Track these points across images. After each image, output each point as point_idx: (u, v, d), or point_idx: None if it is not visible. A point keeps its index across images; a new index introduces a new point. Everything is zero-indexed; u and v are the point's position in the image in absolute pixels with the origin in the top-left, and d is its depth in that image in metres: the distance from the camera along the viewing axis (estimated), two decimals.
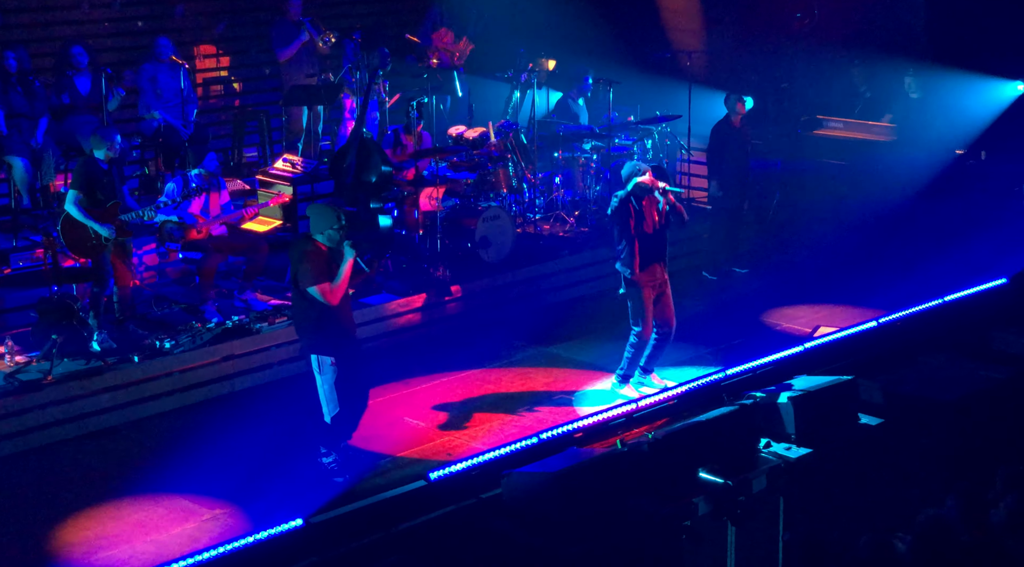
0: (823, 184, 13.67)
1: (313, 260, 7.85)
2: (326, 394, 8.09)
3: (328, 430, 8.24)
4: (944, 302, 10.87)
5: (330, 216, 7.98)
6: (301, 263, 7.89)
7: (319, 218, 8.01)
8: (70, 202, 9.34)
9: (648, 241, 9.34)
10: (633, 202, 9.28)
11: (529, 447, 8.24)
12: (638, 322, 9.44)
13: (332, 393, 8.06)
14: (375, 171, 11.10)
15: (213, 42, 13.79)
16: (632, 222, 9.28)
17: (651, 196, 9.31)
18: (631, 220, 9.28)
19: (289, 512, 7.32)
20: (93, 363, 9.26)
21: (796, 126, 14.56)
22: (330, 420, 8.18)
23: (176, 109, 12.13)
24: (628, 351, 9.54)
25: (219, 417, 9.22)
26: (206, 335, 9.72)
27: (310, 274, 7.84)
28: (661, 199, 9.31)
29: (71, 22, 12.81)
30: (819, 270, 11.94)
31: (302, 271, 7.88)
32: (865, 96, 14.21)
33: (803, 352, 9.89)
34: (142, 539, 7.59)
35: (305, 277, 7.87)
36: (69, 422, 8.97)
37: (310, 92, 12.82)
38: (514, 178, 12.37)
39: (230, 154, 13.29)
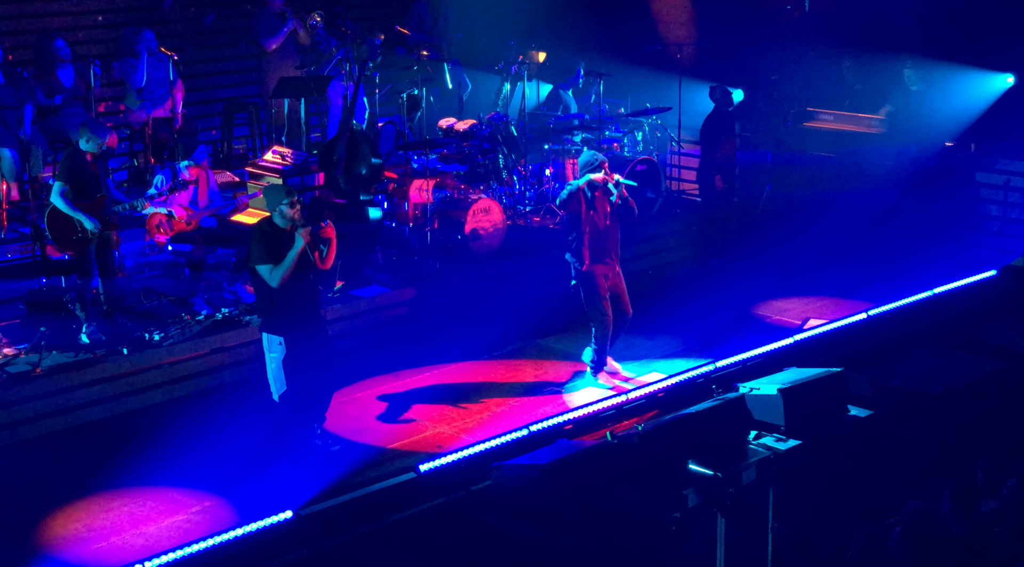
0: (813, 176, 13.67)
1: (262, 239, 8.02)
2: (273, 373, 8.21)
3: (282, 409, 8.32)
4: (934, 294, 10.90)
5: (280, 194, 8.13)
6: (252, 241, 8.09)
7: (271, 196, 8.15)
8: (56, 194, 9.28)
9: (600, 233, 9.36)
10: (586, 192, 9.30)
11: (519, 439, 8.25)
12: (594, 313, 9.44)
13: (280, 372, 8.17)
14: (365, 163, 11.07)
15: (201, 34, 13.73)
16: (583, 214, 9.26)
17: (604, 188, 9.32)
18: (582, 211, 9.27)
19: (279, 504, 7.31)
20: (82, 355, 9.23)
21: (786, 118, 14.56)
22: (278, 398, 8.28)
23: (164, 101, 12.09)
24: (594, 343, 9.54)
25: (208, 409, 9.19)
26: (195, 327, 9.70)
27: (256, 253, 8.03)
28: (615, 192, 9.31)
29: (58, 13, 12.76)
30: (809, 262, 11.95)
31: (252, 249, 8.07)
32: (855, 88, 14.22)
33: (793, 344, 9.91)
34: (132, 531, 7.58)
35: (252, 255, 8.06)
36: (58, 414, 8.94)
37: (299, 84, 12.79)
38: (504, 170, 12.35)
39: (219, 146, 13.26)
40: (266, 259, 8.00)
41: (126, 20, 13.05)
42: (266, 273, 8.01)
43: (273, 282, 7.99)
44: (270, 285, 8.02)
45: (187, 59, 13.38)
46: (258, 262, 8.03)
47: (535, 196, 12.78)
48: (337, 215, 10.97)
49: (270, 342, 8.21)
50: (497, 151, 12.32)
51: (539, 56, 14.23)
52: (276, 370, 8.20)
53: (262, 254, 8.02)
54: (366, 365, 9.93)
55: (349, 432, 8.87)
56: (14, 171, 11.12)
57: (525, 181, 12.66)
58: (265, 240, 8.03)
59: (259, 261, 8.02)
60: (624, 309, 9.59)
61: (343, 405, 9.31)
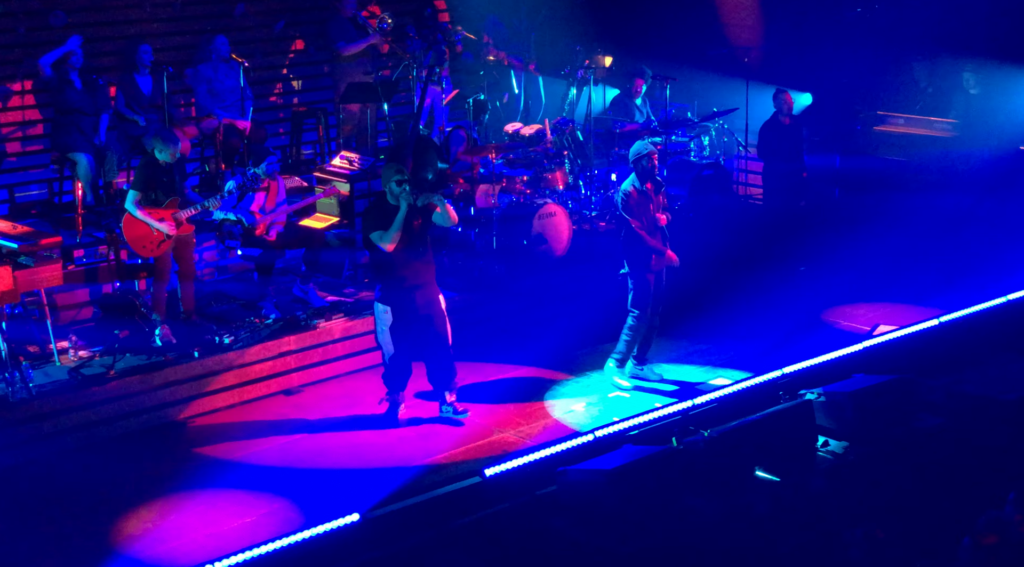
0: (884, 180, 13.49)
1: (374, 212, 8.74)
2: (382, 338, 8.88)
3: (386, 372, 9.02)
4: (1008, 301, 10.71)
5: (391, 171, 8.73)
6: (365, 214, 8.83)
7: (385, 173, 8.77)
8: (129, 202, 9.48)
9: (655, 227, 9.45)
10: (638, 186, 9.39)
11: (584, 444, 8.23)
12: (638, 308, 9.44)
13: (387, 338, 8.84)
14: (432, 168, 11.13)
15: (271, 40, 13.91)
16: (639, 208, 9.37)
17: (655, 180, 9.42)
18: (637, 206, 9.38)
19: (346, 507, 7.37)
20: (154, 358, 9.38)
21: (855, 122, 14.38)
22: (387, 362, 8.97)
23: (235, 107, 12.25)
24: (626, 334, 9.54)
25: (276, 412, 9.30)
26: (264, 331, 9.81)
27: (368, 224, 8.72)
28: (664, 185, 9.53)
29: (133, 21, 12.96)
30: (879, 268, 11.79)
31: (365, 222, 8.76)
32: (927, 92, 14.01)
33: (862, 350, 9.79)
34: (202, 532, 7.68)
35: (366, 227, 8.74)
36: (131, 416, 9.09)
37: (367, 90, 12.89)
38: (570, 175, 12.35)
39: (288, 152, 13.40)
40: (377, 227, 8.63)
41: (198, 27, 13.25)
42: (378, 239, 8.62)
43: (384, 244, 8.59)
44: (383, 251, 8.61)
45: (258, 65, 13.56)
46: (370, 230, 8.65)
47: (601, 201, 12.76)
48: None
49: (379, 311, 8.82)
50: (563, 156, 12.31)
51: (605, 61, 14.21)
52: (384, 336, 8.85)
53: (373, 224, 8.66)
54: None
55: (414, 436, 8.92)
56: (90, 176, 11.34)
57: (591, 186, 12.64)
58: (377, 213, 8.70)
59: (371, 229, 8.64)
60: (658, 310, 9.65)
61: (409, 409, 9.37)
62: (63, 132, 11.34)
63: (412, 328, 8.85)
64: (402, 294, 8.78)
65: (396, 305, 8.78)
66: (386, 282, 8.81)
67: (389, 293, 8.80)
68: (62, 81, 11.28)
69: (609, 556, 7.26)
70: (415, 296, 8.81)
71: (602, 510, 7.50)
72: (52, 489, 8.25)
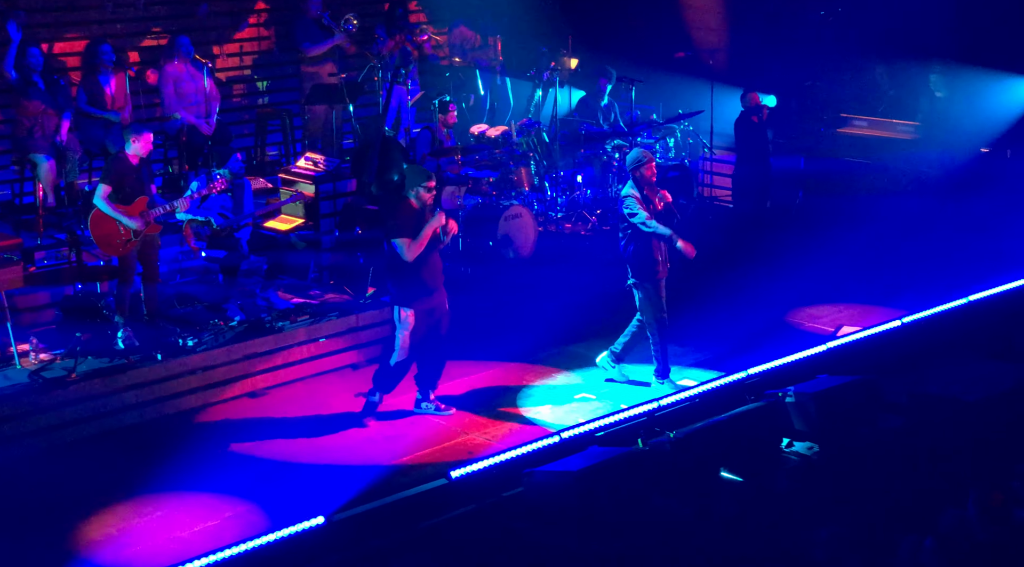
0: (847, 182, 13.59)
1: (401, 215, 8.70)
2: (400, 342, 8.84)
3: (387, 372, 8.97)
4: (969, 301, 10.80)
5: (421, 176, 8.74)
6: (391, 216, 8.79)
7: (413, 177, 8.77)
8: (99, 196, 9.37)
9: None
10: (639, 191, 9.38)
11: (550, 446, 8.23)
12: (653, 317, 9.48)
13: (404, 341, 8.84)
14: (397, 169, 11.10)
15: (236, 41, 13.83)
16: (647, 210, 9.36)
17: (652, 185, 9.41)
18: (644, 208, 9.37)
19: (311, 510, 7.34)
20: (117, 361, 9.31)
21: (819, 124, 14.48)
22: (392, 364, 8.91)
23: (199, 108, 12.17)
24: (654, 349, 9.55)
25: (241, 415, 9.24)
26: (229, 333, 9.75)
27: (395, 227, 8.68)
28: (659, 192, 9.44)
29: (95, 21, 12.86)
30: (843, 269, 11.87)
31: (390, 224, 8.72)
32: (889, 94, 14.13)
33: (826, 351, 9.84)
34: (165, 536, 7.63)
35: (391, 230, 8.69)
36: (93, 420, 9.01)
37: (332, 91, 12.85)
38: (536, 177, 12.35)
39: (252, 153, 13.33)
40: (402, 232, 8.63)
41: (161, 28, 13.16)
42: (402, 247, 8.61)
43: (407, 256, 8.61)
44: (403, 259, 8.59)
45: (221, 67, 13.47)
46: (395, 235, 8.64)
47: (567, 203, 12.77)
48: (369, 222, 11.03)
49: (401, 315, 8.83)
50: (529, 158, 12.32)
51: (571, 62, 14.24)
52: (403, 340, 8.81)
53: (398, 228, 8.65)
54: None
55: (380, 438, 8.89)
56: (50, 178, 11.23)
57: (557, 188, 12.65)
58: (403, 216, 8.68)
59: (396, 235, 8.64)
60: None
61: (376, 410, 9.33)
62: (24, 133, 11.22)
63: (428, 331, 8.90)
64: (423, 297, 8.83)
65: (418, 308, 8.79)
66: (407, 285, 8.80)
67: (411, 296, 8.80)
68: (26, 82, 11.17)
69: (575, 557, 7.26)
70: (433, 298, 8.88)
71: (568, 512, 7.50)
72: (12, 494, 8.15)
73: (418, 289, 8.82)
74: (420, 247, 8.63)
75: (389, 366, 8.97)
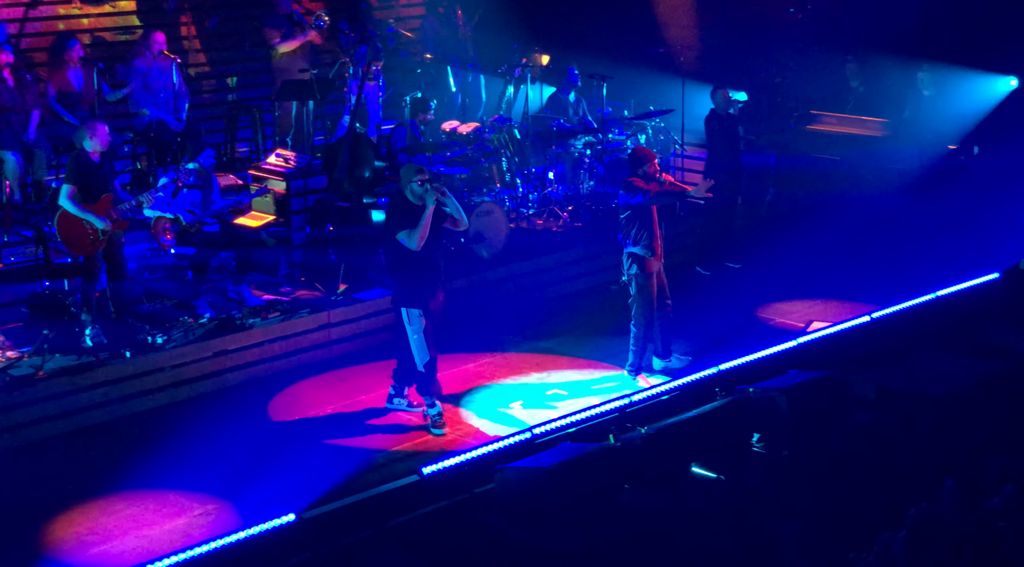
0: (816, 179, 13.66)
1: (398, 212, 8.64)
2: (416, 343, 8.72)
3: (423, 378, 8.83)
4: (937, 297, 10.89)
5: (411, 172, 8.67)
6: (389, 216, 8.72)
7: (405, 174, 8.70)
8: (64, 197, 9.29)
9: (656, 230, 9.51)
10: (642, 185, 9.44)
11: (522, 442, 8.24)
12: (642, 312, 9.55)
13: (421, 342, 8.70)
14: (368, 166, 11.07)
15: (205, 36, 13.75)
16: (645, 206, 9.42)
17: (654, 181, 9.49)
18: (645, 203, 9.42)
19: (281, 507, 7.31)
20: (85, 358, 9.24)
21: (789, 121, 14.54)
22: (422, 368, 8.77)
23: (168, 104, 12.09)
24: (633, 343, 9.64)
25: (211, 412, 9.20)
26: (198, 330, 9.70)
27: (393, 224, 8.62)
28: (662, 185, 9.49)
29: (63, 16, 12.77)
30: (813, 265, 11.94)
31: (389, 222, 8.67)
32: (858, 91, 14.20)
33: (796, 347, 9.90)
34: (134, 534, 7.58)
35: (392, 226, 8.62)
36: (61, 418, 8.94)
37: (302, 87, 12.80)
38: (507, 173, 12.35)
39: (223, 149, 13.26)
40: (402, 227, 8.55)
41: (131, 23, 13.06)
42: (404, 238, 8.54)
43: (412, 244, 8.52)
44: (407, 252, 8.52)
45: (191, 62, 13.39)
46: (396, 230, 8.56)
47: (538, 199, 12.78)
48: (340, 218, 10.99)
49: (411, 316, 8.70)
50: (500, 154, 12.31)
51: (542, 59, 14.23)
52: (419, 342, 8.70)
53: (398, 224, 8.58)
54: (369, 367, 9.93)
55: (354, 435, 8.87)
56: (17, 174, 11.13)
57: (528, 184, 12.66)
58: (399, 212, 8.61)
59: (397, 229, 8.55)
60: (667, 302, 9.69)
61: (346, 407, 9.32)
62: None
63: (436, 327, 8.81)
64: (429, 294, 8.74)
65: (426, 307, 8.69)
66: (413, 284, 8.70)
67: (418, 296, 8.69)
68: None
69: (547, 553, 7.28)
70: (437, 295, 8.82)
71: (540, 507, 7.52)
72: None
73: (424, 288, 8.71)
74: (424, 232, 8.51)
75: (421, 372, 8.79)
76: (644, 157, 9.59)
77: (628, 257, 9.59)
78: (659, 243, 9.53)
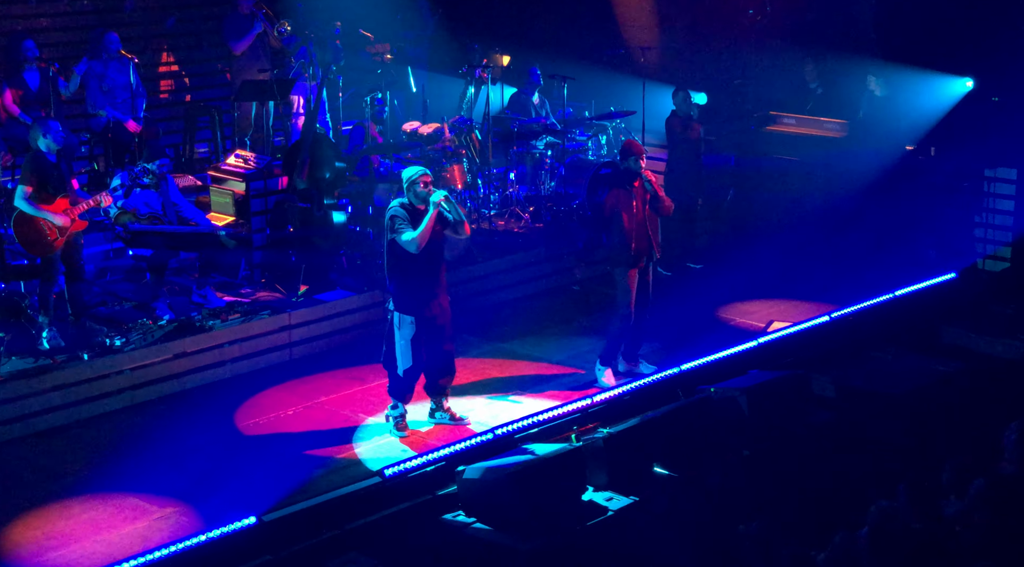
0: (776, 180, 13.74)
1: (397, 217, 8.50)
2: (401, 349, 8.60)
3: (398, 382, 8.71)
4: (894, 297, 11.00)
5: (414, 174, 8.56)
6: (389, 221, 8.51)
7: (407, 176, 8.59)
8: (20, 198, 9.18)
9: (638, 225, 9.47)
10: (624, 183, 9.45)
11: (484, 443, 8.24)
12: (620, 307, 9.52)
13: (407, 348, 8.57)
14: (329, 167, 11.03)
15: (163, 36, 13.64)
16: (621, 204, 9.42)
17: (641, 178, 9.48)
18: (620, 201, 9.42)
19: (242, 510, 7.26)
20: (42, 361, 9.14)
21: (749, 122, 14.62)
22: (402, 373, 8.64)
23: (126, 104, 11.98)
24: (608, 333, 9.61)
25: (170, 415, 9.13)
26: (157, 333, 9.61)
27: (397, 228, 8.46)
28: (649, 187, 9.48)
29: (19, 16, 12.63)
30: (773, 265, 12.01)
31: (391, 225, 8.50)
32: (817, 93, 14.31)
33: (757, 347, 9.96)
34: (92, 538, 7.49)
35: (395, 230, 8.47)
36: (17, 421, 8.83)
37: (262, 87, 12.72)
38: (468, 174, 12.34)
39: (181, 150, 13.16)
40: (404, 229, 8.43)
41: (87, 23, 12.94)
42: (407, 239, 8.39)
43: (411, 247, 8.39)
44: (407, 256, 8.42)
45: (148, 62, 13.27)
46: (399, 233, 8.43)
47: (499, 200, 12.78)
48: (301, 219, 10.94)
49: (401, 321, 8.58)
50: (461, 155, 12.30)
51: (503, 59, 14.23)
52: (404, 347, 8.58)
53: (402, 226, 8.44)
54: (330, 369, 9.89)
55: (314, 437, 8.82)
56: None
57: (489, 185, 12.66)
58: (400, 217, 8.47)
59: (400, 232, 8.43)
60: (647, 306, 9.67)
61: (308, 409, 9.27)
62: None
63: (430, 336, 8.63)
64: (425, 302, 8.57)
65: (420, 314, 8.54)
66: (409, 290, 8.55)
67: (412, 302, 8.54)
68: None
69: (510, 553, 7.28)
70: (436, 303, 8.64)
71: (502, 508, 7.52)
72: None
73: (420, 293, 8.57)
74: (426, 234, 8.37)
75: (399, 376, 8.67)
76: (635, 151, 9.55)
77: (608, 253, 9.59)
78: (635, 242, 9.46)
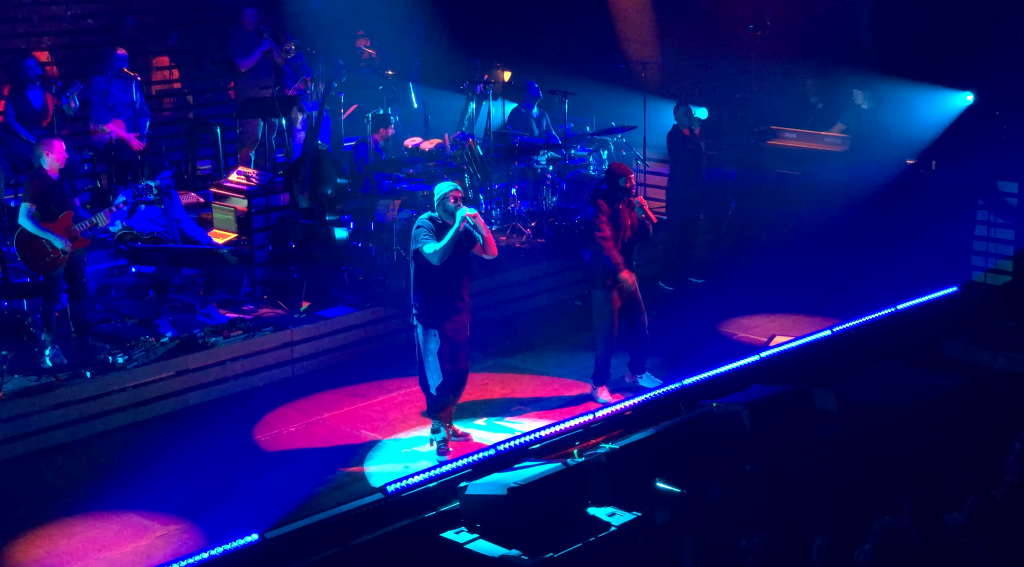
0: (777, 194, 13.75)
1: (423, 228, 8.52)
2: (431, 365, 8.58)
3: (433, 401, 8.67)
4: (896, 310, 10.99)
5: (446, 189, 8.56)
6: (416, 230, 8.53)
7: (439, 191, 8.60)
8: (24, 216, 9.21)
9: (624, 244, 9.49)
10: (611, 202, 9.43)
11: (486, 459, 8.23)
12: (600, 324, 9.52)
13: (436, 364, 8.54)
14: (331, 183, 11.05)
15: (165, 54, 13.69)
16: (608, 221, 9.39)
17: (628, 200, 9.47)
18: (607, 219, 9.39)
19: (245, 527, 7.26)
20: (44, 379, 9.14)
21: (750, 137, 14.64)
22: (435, 391, 8.60)
23: (129, 122, 12.02)
24: (596, 355, 9.60)
25: (173, 432, 9.13)
26: (160, 350, 9.62)
27: (421, 238, 8.48)
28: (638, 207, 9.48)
29: (21, 35, 12.67)
30: (774, 279, 12.02)
31: (416, 236, 8.51)
32: (818, 107, 14.34)
33: (759, 361, 9.95)
34: (95, 557, 7.49)
35: (418, 242, 8.48)
36: (20, 439, 8.83)
37: (264, 104, 12.76)
38: (470, 190, 12.36)
39: (183, 167, 13.19)
40: (428, 241, 8.44)
41: (90, 41, 12.98)
42: (429, 251, 8.38)
43: (434, 259, 8.38)
44: (431, 269, 8.40)
45: (151, 79, 13.31)
46: (422, 244, 8.44)
47: (501, 215, 12.79)
48: (303, 236, 10.96)
49: (427, 335, 8.56)
50: (463, 170, 12.33)
51: (504, 75, 14.27)
52: (433, 363, 8.55)
53: (424, 239, 8.46)
54: (333, 386, 9.90)
55: (316, 454, 8.82)
56: None
57: (491, 200, 12.67)
58: (426, 229, 8.49)
59: (423, 244, 8.44)
60: (640, 319, 9.65)
61: (310, 425, 9.27)
62: None
63: (455, 350, 8.62)
64: (449, 315, 8.55)
65: (443, 327, 8.52)
66: (433, 303, 8.54)
67: (436, 315, 8.53)
68: None
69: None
70: (457, 319, 8.61)
71: (505, 524, 7.51)
72: None
73: (444, 307, 8.55)
74: (449, 247, 8.36)
75: (433, 395, 8.64)
76: (621, 172, 9.57)
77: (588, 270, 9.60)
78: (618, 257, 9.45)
